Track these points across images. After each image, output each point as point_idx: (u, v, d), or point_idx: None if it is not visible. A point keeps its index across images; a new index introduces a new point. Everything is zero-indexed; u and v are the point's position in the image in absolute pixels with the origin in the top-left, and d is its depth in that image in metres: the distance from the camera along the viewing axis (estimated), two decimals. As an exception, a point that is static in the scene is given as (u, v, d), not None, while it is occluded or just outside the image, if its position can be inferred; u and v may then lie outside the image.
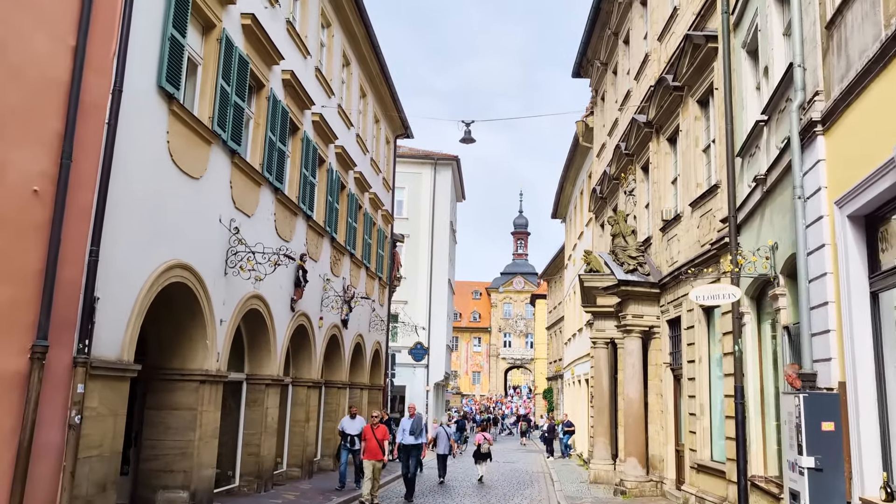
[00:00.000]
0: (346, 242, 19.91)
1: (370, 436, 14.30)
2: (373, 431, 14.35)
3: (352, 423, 16.28)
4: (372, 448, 14.19)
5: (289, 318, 15.35)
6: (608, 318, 19.40)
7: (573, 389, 32.60)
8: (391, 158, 26.94)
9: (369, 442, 14.26)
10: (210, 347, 11.42)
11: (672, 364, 15.21)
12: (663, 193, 15.98)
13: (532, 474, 23.51)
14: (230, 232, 12.01)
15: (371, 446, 14.21)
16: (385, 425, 14.89)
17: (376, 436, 14.25)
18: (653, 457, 15.67)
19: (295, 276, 15.50)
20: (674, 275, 14.61)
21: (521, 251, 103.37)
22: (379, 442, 14.22)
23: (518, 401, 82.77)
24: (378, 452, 14.21)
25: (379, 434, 14.33)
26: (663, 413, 15.40)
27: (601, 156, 24.02)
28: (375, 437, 14.22)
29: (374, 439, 14.18)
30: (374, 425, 14.46)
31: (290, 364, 17.02)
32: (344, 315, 19.77)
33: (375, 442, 14.19)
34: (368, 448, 14.25)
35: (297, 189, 15.52)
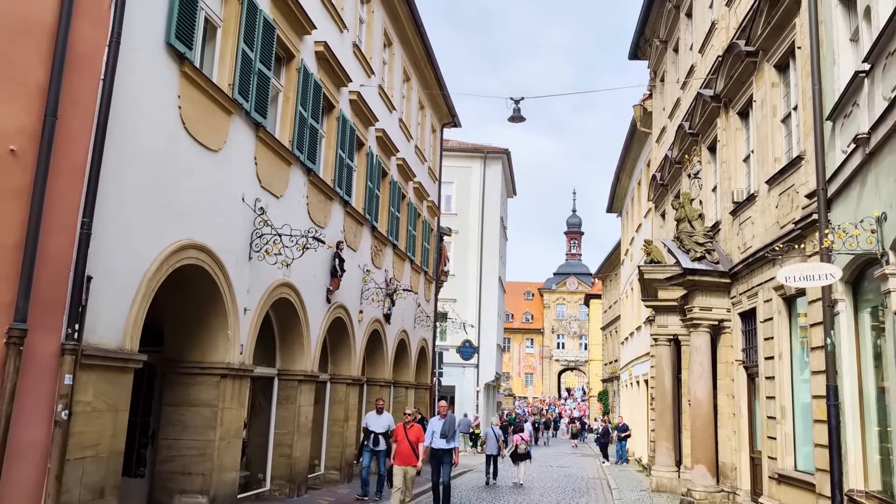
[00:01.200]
0: (389, 233, 18.81)
1: (402, 437, 12.34)
2: (405, 432, 12.35)
3: (377, 420, 14.42)
4: (404, 452, 12.29)
5: (324, 310, 14.29)
6: (671, 313, 17.88)
7: (630, 391, 30.97)
8: (437, 148, 25.80)
9: (401, 444, 12.34)
10: (232, 338, 10.39)
11: (745, 362, 13.66)
12: (734, 173, 14.44)
13: (587, 480, 22.06)
14: (255, 213, 10.98)
15: (403, 449, 12.31)
16: (419, 425, 12.89)
17: (409, 437, 12.29)
18: (723, 465, 14.13)
19: (331, 265, 14.44)
20: (747, 262, 13.09)
21: (575, 251, 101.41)
22: (412, 445, 12.28)
23: (572, 403, 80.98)
24: (411, 457, 12.28)
25: (412, 435, 12.36)
26: (735, 416, 13.86)
27: (661, 140, 22.46)
28: (408, 439, 12.27)
29: (406, 441, 12.27)
30: (408, 425, 12.49)
31: (328, 360, 15.98)
32: (386, 309, 18.68)
33: (408, 444, 12.26)
34: (400, 452, 12.33)
35: (332, 171, 14.46)
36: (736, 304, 14.01)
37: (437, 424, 13.15)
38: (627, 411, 31.83)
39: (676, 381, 18.58)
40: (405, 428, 12.42)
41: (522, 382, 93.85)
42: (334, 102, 14.56)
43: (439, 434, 12.97)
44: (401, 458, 12.31)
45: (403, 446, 12.30)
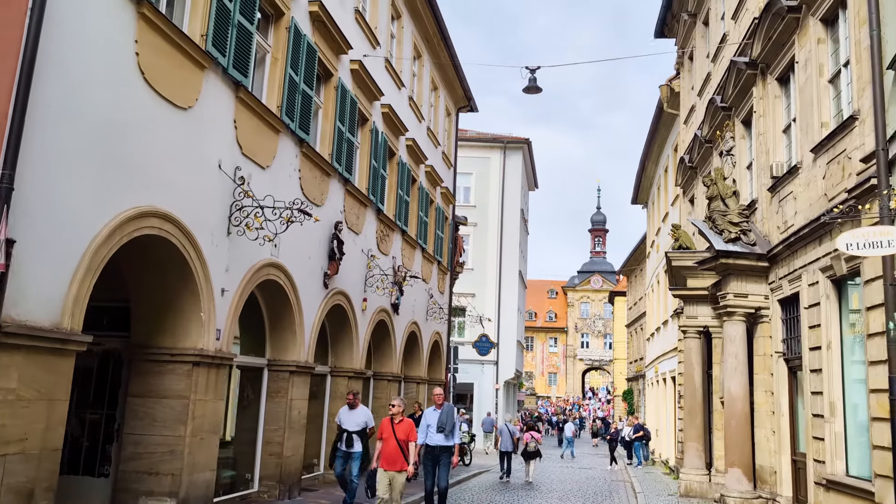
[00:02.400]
0: (397, 217, 17.61)
1: (388, 433, 10.02)
2: (392, 427, 10.03)
3: (350, 416, 11.82)
4: (390, 452, 9.94)
5: (321, 296, 13.12)
6: (701, 303, 16.49)
7: (656, 389, 29.49)
8: (452, 132, 24.56)
9: (386, 443, 10.01)
10: (206, 322, 9.24)
11: (786, 354, 12.27)
12: (772, 146, 13.04)
13: (610, 483, 20.71)
14: (234, 182, 9.82)
15: (389, 450, 9.96)
16: (412, 420, 10.74)
17: (397, 434, 9.97)
18: (761, 468, 12.74)
19: (329, 248, 13.27)
20: (788, 242, 11.70)
21: (599, 249, 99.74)
22: (401, 444, 9.95)
23: (596, 403, 79.41)
24: (399, 459, 9.93)
25: (402, 432, 10.02)
26: (775, 415, 12.47)
27: (689, 121, 21.03)
28: (396, 437, 9.94)
29: (393, 439, 9.95)
30: (396, 419, 10.13)
31: (328, 351, 14.82)
32: (394, 299, 17.48)
33: (395, 443, 9.92)
34: (385, 452, 9.98)
35: (330, 145, 13.29)
36: (775, 289, 12.61)
37: (432, 416, 10.97)
38: (653, 410, 30.37)
39: (706, 378, 17.19)
40: (392, 423, 10.08)
41: (546, 382, 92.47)
42: (332, 70, 13.37)
43: (435, 428, 10.83)
44: (386, 461, 9.96)
45: (390, 446, 9.98)
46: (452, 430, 11.00)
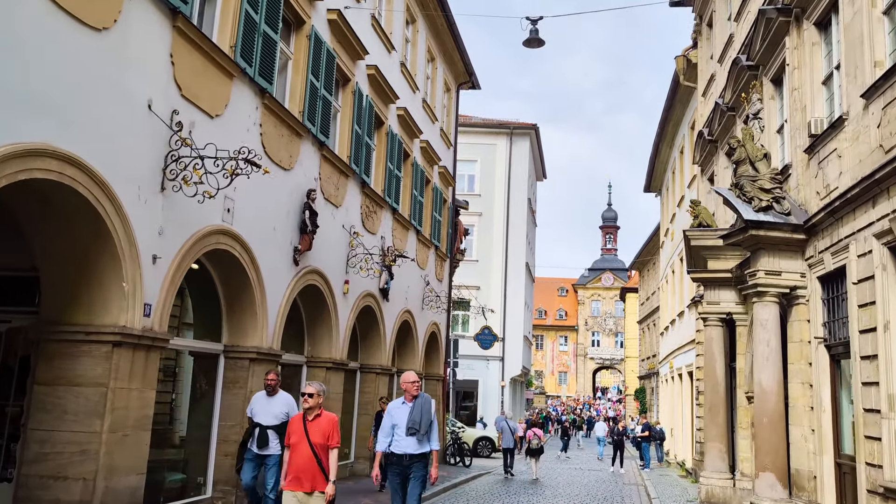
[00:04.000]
0: (386, 193, 15.95)
1: (299, 437, 6.82)
2: (305, 427, 6.83)
3: (267, 404, 9.04)
4: (300, 464, 6.75)
5: (290, 274, 11.48)
6: (723, 287, 14.78)
7: (670, 386, 27.72)
8: (452, 110, 22.89)
9: (296, 451, 6.82)
10: (130, 294, 7.60)
11: (828, 339, 10.51)
12: (810, 100, 11.29)
13: (622, 487, 18.98)
14: (170, 129, 8.17)
15: (299, 460, 6.76)
16: (334, 417, 7.12)
17: (311, 438, 6.78)
18: (797, 473, 10.98)
19: (299, 219, 11.63)
20: (832, 208, 9.96)
21: (610, 246, 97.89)
22: (317, 451, 6.77)
23: (607, 403, 77.63)
24: (313, 475, 6.73)
25: (318, 433, 6.83)
26: (814, 410, 10.70)
27: (708, 92, 19.27)
28: (310, 442, 6.77)
29: (306, 444, 6.77)
30: (310, 414, 6.92)
31: (303, 339, 13.19)
32: (383, 283, 15.83)
33: (309, 451, 6.75)
34: (293, 464, 6.79)
35: (301, 101, 11.65)
36: (814, 265, 10.85)
37: (399, 413, 8.00)
38: (667, 409, 28.59)
39: (729, 371, 15.44)
40: (304, 421, 6.89)
41: (556, 381, 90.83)
42: (304, 16, 11.72)
43: (404, 429, 7.86)
44: (295, 477, 6.74)
45: (300, 455, 6.77)
46: (429, 431, 7.99)
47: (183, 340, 9.77)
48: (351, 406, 15.66)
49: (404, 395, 8.18)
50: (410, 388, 8.13)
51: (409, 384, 8.16)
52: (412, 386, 8.14)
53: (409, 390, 8.12)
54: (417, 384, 8.21)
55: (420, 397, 8.12)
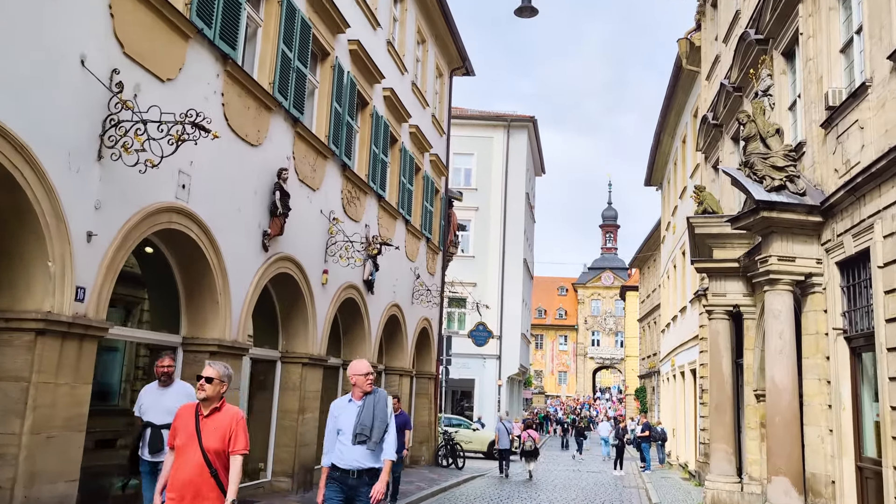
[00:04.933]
0: (371, 178, 14.99)
1: (187, 438, 5.00)
2: (197, 425, 5.01)
3: (159, 398, 7.20)
4: (186, 476, 4.93)
5: (259, 261, 10.51)
6: (730, 278, 13.84)
7: (672, 385, 26.75)
8: (445, 96, 21.91)
9: (181, 456, 5.00)
10: (58, 275, 6.65)
11: (848, 330, 9.55)
12: (826, 70, 10.33)
13: (622, 490, 18.02)
14: (109, 90, 7.21)
15: (186, 469, 4.94)
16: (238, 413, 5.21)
17: (203, 440, 4.96)
18: (813, 477, 10.02)
19: (269, 200, 10.66)
20: (853, 186, 9.00)
21: (610, 245, 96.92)
22: (209, 459, 4.94)
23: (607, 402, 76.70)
24: (202, 489, 4.91)
25: (213, 435, 5.00)
26: (832, 409, 9.74)
27: (713, 75, 18.33)
28: (201, 445, 4.95)
29: (196, 447, 4.96)
30: (207, 406, 5.09)
31: (277, 332, 12.23)
32: (367, 275, 14.86)
33: (200, 457, 4.94)
34: (176, 475, 4.97)
35: (271, 72, 10.69)
36: (832, 249, 9.89)
37: (345, 414, 6.15)
38: (669, 408, 27.61)
39: (735, 368, 14.48)
40: (197, 417, 5.05)
41: (556, 381, 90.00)
42: (274, -19, 10.77)
43: (350, 435, 6.02)
44: (176, 496, 4.90)
45: (187, 461, 4.96)
46: (383, 438, 6.14)
47: (131, 331, 8.81)
48: (321, 404, 14.67)
49: (352, 390, 6.24)
50: (361, 381, 6.15)
51: (359, 377, 6.17)
52: (364, 380, 6.16)
53: (360, 385, 6.16)
54: (371, 377, 6.24)
55: (373, 394, 6.19)
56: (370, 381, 6.23)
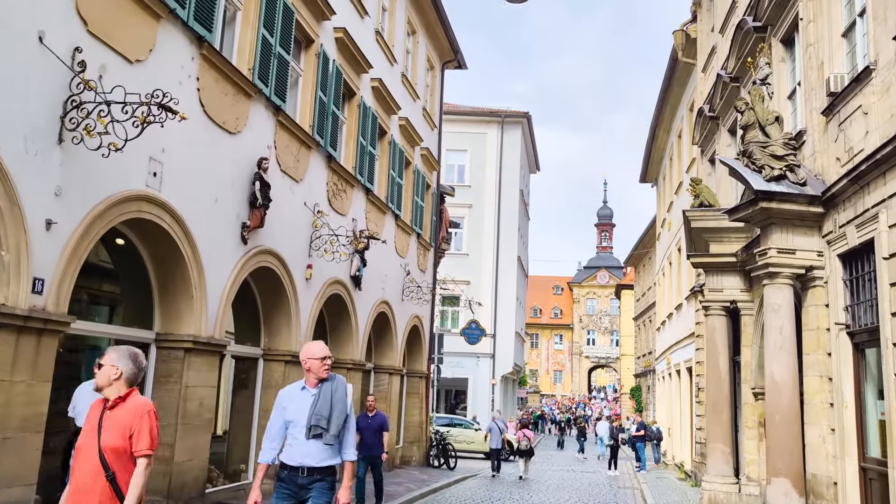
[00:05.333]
0: (358, 171, 14.58)
1: (89, 434, 4.10)
2: (100, 424, 4.11)
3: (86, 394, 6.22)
4: (80, 481, 4.05)
5: (238, 254, 10.09)
6: (727, 273, 13.47)
7: (668, 384, 26.39)
8: (436, 89, 21.50)
9: (79, 455, 4.13)
10: (13, 265, 6.23)
11: (851, 325, 9.17)
12: (828, 55, 9.94)
13: (616, 491, 17.64)
14: (71, 69, 6.78)
15: (79, 474, 4.07)
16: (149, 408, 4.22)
17: (101, 438, 4.08)
18: (814, 478, 9.64)
19: (249, 191, 10.24)
20: (856, 174, 8.62)
21: (606, 244, 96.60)
22: (105, 459, 4.03)
23: (602, 402, 76.40)
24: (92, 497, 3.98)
25: (113, 431, 4.09)
26: (834, 407, 9.36)
27: (709, 66, 17.96)
28: (100, 447, 4.04)
29: (94, 445, 4.06)
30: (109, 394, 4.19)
31: (259, 328, 11.80)
32: (355, 270, 14.45)
33: (97, 458, 4.03)
34: (72, 477, 4.13)
35: (251, 58, 10.28)
36: (834, 241, 9.51)
37: (296, 404, 5.27)
38: (665, 407, 27.26)
39: (733, 365, 14.11)
40: (102, 413, 4.17)
41: (551, 380, 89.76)
42: (254, -39, 10.34)
43: (304, 428, 5.18)
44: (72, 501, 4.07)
45: (82, 466, 4.10)
46: (341, 432, 5.24)
47: (99, 326, 8.38)
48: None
49: (306, 377, 5.35)
50: (317, 367, 5.27)
51: (314, 361, 5.28)
52: (319, 364, 5.27)
53: (315, 371, 5.28)
54: (328, 362, 5.34)
55: (330, 381, 5.30)
56: (326, 367, 5.33)
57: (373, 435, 11.30)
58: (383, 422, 11.58)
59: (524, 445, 19.85)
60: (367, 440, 11.18)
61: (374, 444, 11.35)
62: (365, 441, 11.05)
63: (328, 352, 5.45)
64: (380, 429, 11.45)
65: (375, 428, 11.41)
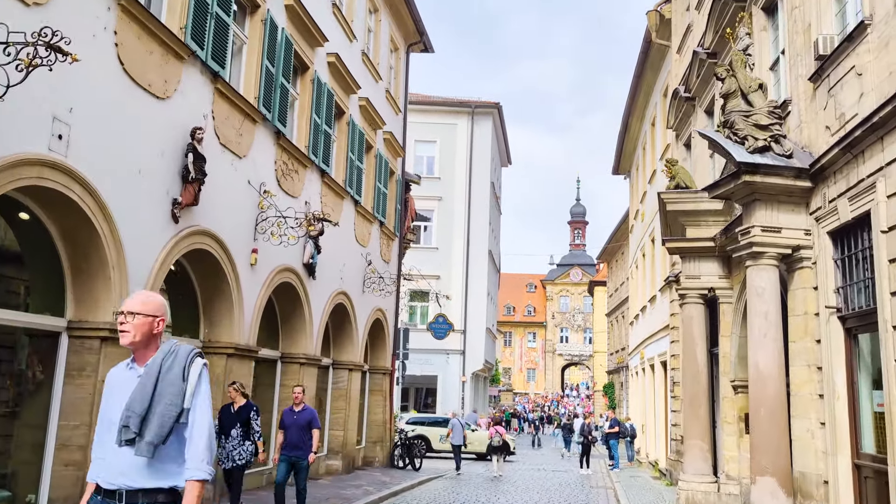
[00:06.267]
0: (312, 150, 13.57)
1: None
2: None
3: None
4: None
5: (167, 233, 9.04)
6: (704, 258, 12.70)
7: (641, 379, 25.66)
8: (401, 72, 20.51)
9: None
10: None
11: (842, 309, 8.36)
12: (816, 16, 9.13)
13: (588, 491, 16.80)
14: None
15: None
16: None
17: None
18: (801, 477, 8.83)
19: (181, 164, 9.20)
20: (848, 142, 7.82)
21: (579, 241, 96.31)
22: None
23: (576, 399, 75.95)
24: None
25: None
26: (823, 398, 8.55)
27: (684, 47, 17.19)
28: None
29: None
30: None
31: (199, 319, 10.75)
32: (308, 258, 13.44)
33: None
34: None
35: (182, 16, 9.22)
36: (823, 217, 8.69)
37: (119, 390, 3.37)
38: (638, 403, 26.53)
39: (711, 357, 13.33)
40: None
41: (524, 378, 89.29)
42: None
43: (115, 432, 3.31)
44: None
45: None
46: (170, 437, 3.28)
47: (1, 312, 7.29)
48: (269, 403, 13.26)
49: (133, 354, 3.45)
50: (136, 329, 3.34)
51: (133, 323, 3.35)
52: (139, 326, 3.35)
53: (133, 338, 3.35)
54: (151, 322, 3.38)
55: (168, 354, 3.36)
56: (124, 330, 3.37)
57: (298, 433, 9.87)
58: (312, 417, 10.03)
59: (496, 442, 19.51)
60: (292, 439, 9.85)
61: (300, 444, 9.86)
62: (289, 440, 9.85)
63: (157, 306, 3.44)
64: (307, 426, 9.95)
65: (302, 425, 9.93)
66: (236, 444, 9.33)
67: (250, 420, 9.42)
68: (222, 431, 9.34)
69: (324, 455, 15.78)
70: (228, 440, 9.32)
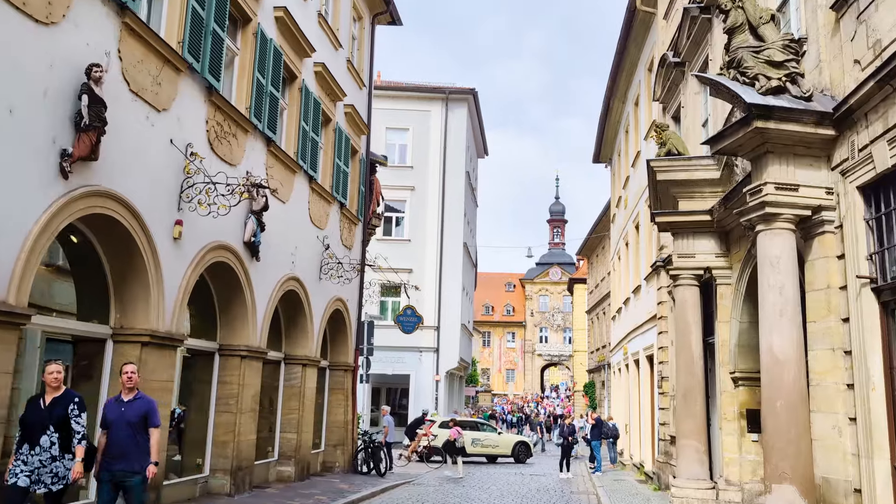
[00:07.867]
0: (254, 113, 11.92)
1: None
2: None
3: None
4: None
5: (53, 192, 7.35)
6: (700, 234, 11.25)
7: (625, 376, 24.19)
8: (365, 43, 18.89)
9: None
10: None
11: (878, 279, 6.86)
12: (838, -67, 7.65)
13: (569, 497, 15.26)
14: None
15: None
16: None
17: None
18: (826, 483, 7.32)
19: (73, 109, 7.51)
20: (886, 74, 6.32)
21: (558, 240, 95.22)
22: None
23: (556, 400, 74.60)
24: None
25: None
26: (854, 389, 7.04)
27: (672, 10, 15.73)
28: None
29: None
30: None
31: (108, 303, 9.05)
32: (250, 236, 11.78)
33: None
34: None
35: (72, -75, 7.54)
36: (851, 170, 7.19)
37: None
38: (622, 401, 25.06)
39: (705, 348, 11.84)
40: None
41: (503, 379, 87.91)
42: None
43: None
44: None
45: None
46: None
47: None
48: (206, 402, 11.58)
49: None
50: None
51: None
52: None
53: None
54: None
55: None
56: None
57: (126, 433, 6.82)
58: (148, 410, 6.98)
59: (460, 444, 19.09)
60: (118, 441, 6.80)
61: (128, 451, 6.80)
62: (113, 442, 6.80)
63: None
64: (141, 423, 6.92)
65: (132, 421, 6.87)
66: (49, 459, 6.33)
67: (69, 418, 6.42)
68: (28, 439, 6.33)
69: (275, 461, 14.12)
70: (35, 451, 6.30)
